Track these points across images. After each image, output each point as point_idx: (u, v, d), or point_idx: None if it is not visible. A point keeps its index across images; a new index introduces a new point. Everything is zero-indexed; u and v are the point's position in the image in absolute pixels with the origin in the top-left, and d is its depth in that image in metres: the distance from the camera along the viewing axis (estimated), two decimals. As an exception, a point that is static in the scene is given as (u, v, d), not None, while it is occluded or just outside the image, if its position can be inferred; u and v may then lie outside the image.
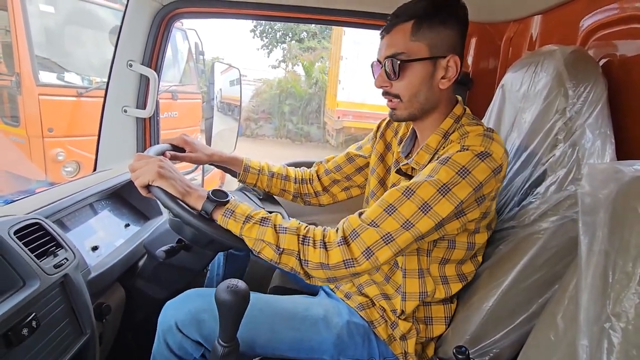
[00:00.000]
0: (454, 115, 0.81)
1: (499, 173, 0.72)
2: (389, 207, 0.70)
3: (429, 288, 0.83)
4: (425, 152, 0.82)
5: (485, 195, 0.72)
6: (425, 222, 0.69)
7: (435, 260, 0.82)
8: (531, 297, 0.75)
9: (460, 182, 0.69)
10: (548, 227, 0.75)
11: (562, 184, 0.76)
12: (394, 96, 0.79)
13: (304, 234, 0.72)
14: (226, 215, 0.74)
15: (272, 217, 0.75)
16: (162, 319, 0.82)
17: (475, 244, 0.81)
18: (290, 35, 13.28)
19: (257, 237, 0.72)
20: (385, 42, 0.78)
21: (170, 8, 1.27)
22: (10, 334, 0.59)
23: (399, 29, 0.76)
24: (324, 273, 0.71)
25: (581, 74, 0.81)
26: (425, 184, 0.69)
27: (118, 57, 1.27)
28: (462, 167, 0.69)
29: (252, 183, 1.07)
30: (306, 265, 0.72)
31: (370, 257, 0.69)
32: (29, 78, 2.93)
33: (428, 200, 0.69)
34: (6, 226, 0.68)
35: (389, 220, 0.69)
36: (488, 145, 0.71)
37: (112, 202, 1.12)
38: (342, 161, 1.08)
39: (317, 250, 0.70)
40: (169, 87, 3.73)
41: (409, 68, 0.76)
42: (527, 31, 1.22)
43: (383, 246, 0.69)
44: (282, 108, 10.59)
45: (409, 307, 0.83)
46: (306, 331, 0.84)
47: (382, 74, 0.78)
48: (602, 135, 0.77)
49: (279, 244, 0.71)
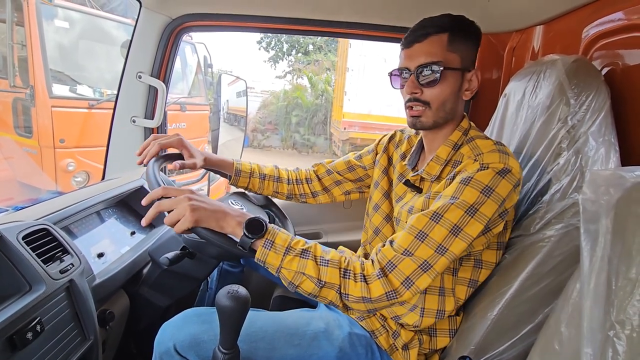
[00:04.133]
0: (462, 128, 0.83)
1: (518, 186, 0.74)
2: (420, 234, 0.70)
3: (447, 307, 0.82)
4: (436, 163, 0.83)
5: (508, 209, 0.74)
6: (457, 245, 0.69)
7: (463, 282, 0.82)
8: (537, 307, 0.74)
9: (486, 201, 0.70)
10: (552, 235, 0.75)
11: (566, 192, 0.75)
12: (423, 103, 0.80)
13: (345, 267, 0.71)
14: (266, 247, 0.71)
15: (312, 248, 0.72)
16: (159, 340, 0.79)
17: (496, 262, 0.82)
18: (297, 47, 13.50)
19: (297, 269, 0.70)
20: (419, 50, 0.78)
21: (179, 22, 1.31)
22: (15, 337, 0.60)
23: (435, 39, 0.77)
24: (365, 306, 0.70)
25: (583, 82, 0.81)
26: (452, 207, 0.70)
27: (128, 69, 1.30)
28: (486, 186, 0.70)
29: (244, 186, 1.08)
30: (346, 299, 0.70)
31: (411, 286, 0.69)
32: (43, 90, 3.03)
33: (457, 222, 0.69)
34: (15, 231, 0.69)
35: (423, 247, 0.69)
36: (506, 162, 0.72)
37: (119, 210, 1.14)
38: (342, 168, 1.11)
39: (358, 284, 0.69)
40: (178, 99, 3.81)
41: (445, 76, 0.78)
42: (530, 41, 1.23)
43: (422, 274, 0.69)
44: (290, 119, 10.70)
45: (424, 324, 0.83)
46: (307, 347, 0.82)
47: (414, 81, 0.79)
48: (606, 143, 0.77)
49: (320, 277, 0.69)
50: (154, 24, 1.29)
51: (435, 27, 0.77)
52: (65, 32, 3.36)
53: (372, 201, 1.02)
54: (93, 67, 3.59)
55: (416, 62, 0.79)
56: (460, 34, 0.78)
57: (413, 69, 0.79)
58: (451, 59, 0.78)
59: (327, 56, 12.28)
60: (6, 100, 3.23)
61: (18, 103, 3.21)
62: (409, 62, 0.80)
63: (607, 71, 0.91)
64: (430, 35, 0.78)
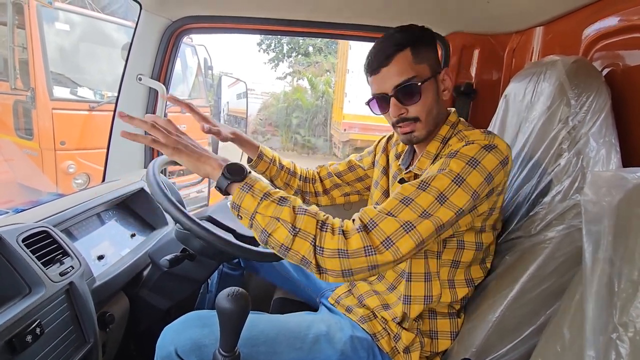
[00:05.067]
0: (450, 122, 0.85)
1: (506, 165, 0.73)
2: (405, 199, 0.69)
3: (434, 292, 0.82)
4: (426, 158, 0.85)
5: (494, 188, 0.74)
6: (443, 212, 0.68)
7: (446, 263, 0.82)
8: (538, 309, 0.74)
9: (472, 172, 0.70)
10: (554, 236, 0.75)
11: (568, 193, 0.75)
12: (412, 120, 0.81)
13: (323, 220, 0.68)
14: (244, 190, 0.69)
15: (291, 199, 0.70)
16: (161, 344, 0.79)
17: (482, 244, 0.82)
18: (297, 49, 13.53)
19: (272, 215, 0.67)
20: (388, 72, 0.79)
21: (179, 24, 1.31)
22: (14, 340, 0.60)
23: (399, 57, 0.78)
24: (340, 263, 0.65)
25: (583, 83, 0.81)
26: (439, 175, 0.70)
27: (128, 71, 1.31)
28: (472, 158, 0.71)
29: (262, 171, 1.08)
30: (320, 253, 0.65)
31: (391, 246, 0.65)
32: (44, 93, 3.03)
33: (444, 190, 0.69)
34: (14, 234, 0.69)
35: (407, 210, 0.67)
36: (492, 139, 0.74)
37: (119, 212, 1.14)
38: (343, 168, 1.13)
39: (335, 236, 0.66)
40: (178, 101, 3.80)
41: (424, 89, 0.79)
42: (530, 42, 1.23)
43: (404, 235, 0.66)
44: (290, 120, 10.71)
45: (414, 312, 0.83)
46: (309, 350, 0.81)
47: (396, 103, 0.80)
48: (607, 144, 0.77)
49: (295, 223, 0.66)
50: (154, 27, 1.29)
51: (396, 46, 0.78)
52: (66, 35, 3.37)
53: (373, 200, 1.04)
54: (94, 70, 3.61)
55: (390, 84, 0.79)
56: (420, 43, 0.79)
57: (390, 91, 0.79)
58: (421, 70, 0.79)
59: (326, 58, 12.30)
60: (7, 102, 3.24)
61: (19, 105, 3.22)
62: (383, 86, 0.80)
63: (607, 72, 0.91)
64: (393, 56, 0.78)
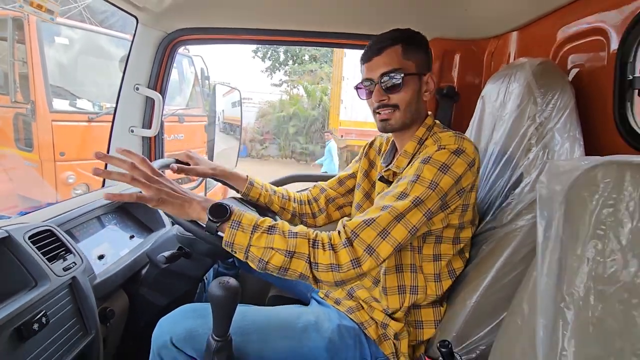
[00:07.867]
0: (426, 125, 0.92)
1: (473, 166, 0.81)
2: (384, 207, 0.77)
3: (411, 282, 0.88)
4: (404, 157, 0.91)
5: (464, 187, 0.82)
6: (415, 214, 0.76)
7: (428, 258, 0.88)
8: (511, 294, 0.76)
9: (443, 177, 0.78)
10: (524, 225, 0.80)
11: (535, 184, 0.81)
12: (392, 107, 0.88)
13: (314, 238, 0.75)
14: (233, 227, 0.73)
15: (279, 225, 0.76)
16: (156, 334, 0.82)
17: (460, 239, 0.88)
18: (294, 58, 13.67)
19: (266, 245, 0.72)
20: (378, 62, 0.88)
21: (174, 36, 1.38)
22: (22, 328, 0.65)
23: (390, 51, 0.87)
24: (333, 275, 0.73)
25: (548, 83, 0.87)
26: (416, 185, 0.78)
27: (126, 82, 1.37)
28: (443, 164, 0.79)
29: (256, 197, 1.11)
30: (316, 269, 0.73)
31: (372, 254, 0.73)
32: (43, 105, 3.10)
33: (420, 195, 0.77)
34: (22, 231, 0.75)
35: (384, 215, 0.75)
36: (461, 143, 0.81)
37: (119, 215, 1.19)
38: (333, 184, 1.16)
39: (326, 252, 0.73)
40: (176, 111, 3.88)
41: (407, 81, 0.87)
42: (507, 46, 1.30)
43: (381, 242, 0.74)
44: (288, 129, 10.79)
45: (396, 302, 0.88)
46: (298, 339, 0.86)
47: (379, 89, 0.88)
48: (571, 138, 0.83)
49: (289, 247, 0.72)
50: (150, 39, 1.36)
51: (389, 40, 0.88)
52: (65, 49, 3.45)
53: (355, 201, 1.08)
54: (92, 82, 3.68)
55: (378, 72, 0.87)
56: (411, 43, 0.88)
57: (376, 78, 0.88)
58: (408, 65, 0.87)
59: (322, 67, 12.43)
60: (7, 115, 3.30)
61: (19, 118, 3.28)
62: (371, 73, 0.89)
63: (574, 72, 0.98)
64: (386, 48, 0.87)
